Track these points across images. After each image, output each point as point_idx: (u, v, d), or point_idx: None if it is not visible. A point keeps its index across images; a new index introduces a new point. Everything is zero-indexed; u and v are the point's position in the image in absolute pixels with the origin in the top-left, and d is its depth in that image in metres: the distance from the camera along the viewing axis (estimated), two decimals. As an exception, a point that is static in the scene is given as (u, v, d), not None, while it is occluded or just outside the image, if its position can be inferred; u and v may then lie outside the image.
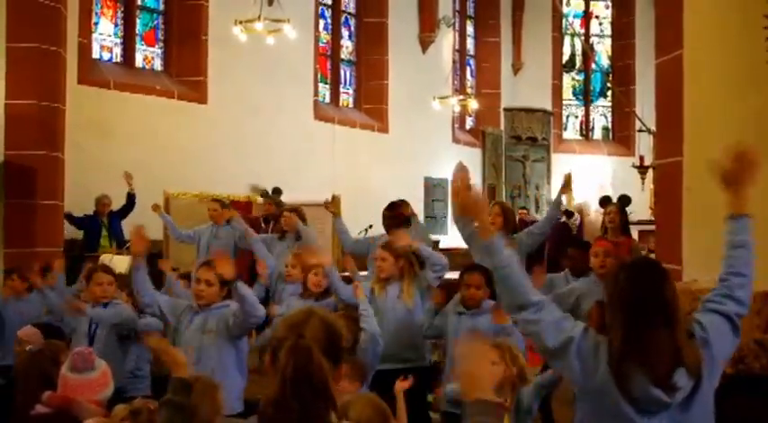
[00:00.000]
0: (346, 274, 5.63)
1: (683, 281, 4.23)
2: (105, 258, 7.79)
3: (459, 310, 4.83)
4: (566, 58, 20.58)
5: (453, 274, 7.98)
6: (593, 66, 20.63)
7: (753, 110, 4.29)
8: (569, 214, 11.25)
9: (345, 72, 15.65)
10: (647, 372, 2.33)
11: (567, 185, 6.71)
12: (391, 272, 5.07)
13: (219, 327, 4.23)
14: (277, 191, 8.92)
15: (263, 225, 8.84)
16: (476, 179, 18.24)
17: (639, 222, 10.56)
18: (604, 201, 7.74)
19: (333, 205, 7.16)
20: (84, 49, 10.46)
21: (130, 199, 9.57)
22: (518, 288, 2.57)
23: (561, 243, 8.27)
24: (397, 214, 6.55)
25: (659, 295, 2.40)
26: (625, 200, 7.34)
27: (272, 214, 8.15)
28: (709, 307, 2.56)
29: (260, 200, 9.96)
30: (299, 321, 2.03)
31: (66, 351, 3.69)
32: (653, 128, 7.37)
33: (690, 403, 2.39)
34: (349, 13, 15.78)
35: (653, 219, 9.55)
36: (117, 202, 9.56)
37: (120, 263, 8.29)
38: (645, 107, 15.11)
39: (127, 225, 9.63)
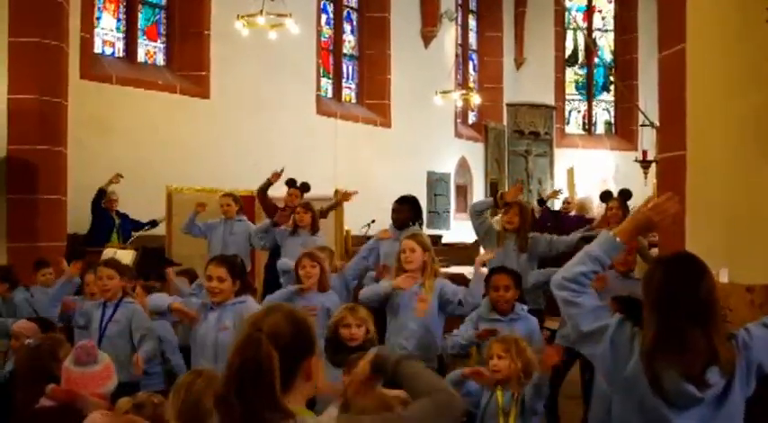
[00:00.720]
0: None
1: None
2: (109, 252, 7.79)
3: (493, 317, 4.70)
4: (568, 52, 20.54)
5: (459, 269, 8.00)
6: (596, 60, 20.60)
7: (754, 105, 4.28)
8: (541, 202, 11.40)
9: (348, 67, 15.64)
10: (680, 368, 2.33)
11: (553, 194, 6.78)
12: (418, 264, 4.96)
13: (236, 323, 4.18)
14: (305, 186, 8.86)
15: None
16: (478, 174, 18.24)
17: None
18: (605, 196, 7.70)
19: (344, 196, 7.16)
20: (87, 43, 10.46)
21: (152, 224, 9.67)
22: (575, 264, 2.59)
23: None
24: (407, 209, 6.58)
25: (694, 292, 2.39)
26: (626, 194, 7.29)
27: (291, 206, 8.08)
28: (765, 321, 2.54)
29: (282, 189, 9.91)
30: (259, 316, 1.93)
31: (66, 345, 3.70)
32: (656, 122, 7.34)
33: (721, 402, 2.38)
34: (351, 8, 15.75)
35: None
36: (122, 197, 9.58)
37: (124, 257, 8.30)
38: (648, 101, 15.06)
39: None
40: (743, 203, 4.30)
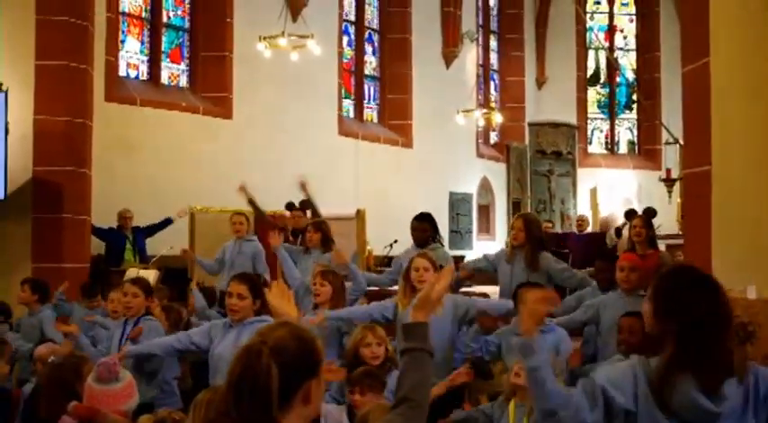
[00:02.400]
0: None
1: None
2: (132, 273, 7.82)
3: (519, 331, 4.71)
4: (590, 72, 20.50)
5: (482, 288, 7.94)
6: (618, 79, 20.53)
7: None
8: (618, 232, 10.90)
9: (369, 87, 15.71)
10: (698, 381, 2.28)
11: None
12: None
13: None
14: (304, 204, 8.91)
15: (290, 238, 8.82)
16: (500, 194, 18.18)
17: (667, 236, 10.44)
18: (629, 214, 7.62)
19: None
20: (111, 66, 10.61)
21: (166, 223, 9.64)
22: (551, 395, 2.41)
23: (588, 256, 8.21)
24: (427, 226, 6.56)
25: (712, 305, 2.36)
26: (650, 212, 7.22)
27: (300, 228, 8.12)
28: None
29: (287, 213, 9.95)
30: (267, 329, 1.90)
31: (89, 363, 3.70)
32: (680, 139, 7.29)
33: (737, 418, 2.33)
34: (372, 29, 15.85)
35: (680, 232, 9.43)
36: (139, 217, 9.61)
37: (147, 276, 8.34)
38: (671, 120, 14.98)
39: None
40: (770, 219, 4.23)
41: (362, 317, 5.14)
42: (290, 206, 8.95)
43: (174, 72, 12.14)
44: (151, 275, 8.52)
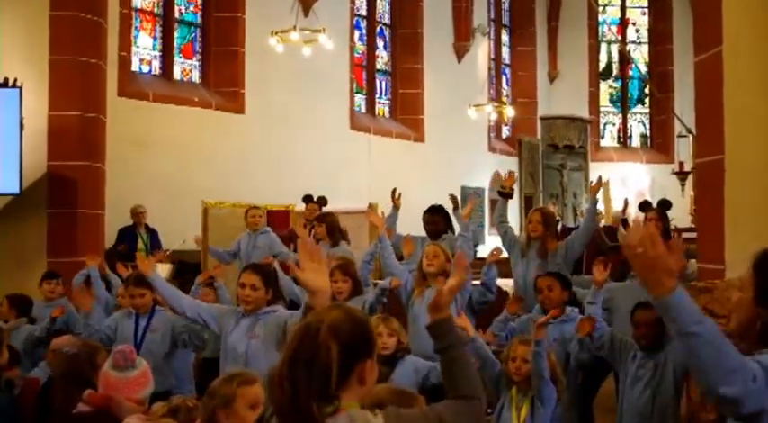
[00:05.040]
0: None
1: (726, 279, 4.15)
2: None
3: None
4: (602, 65, 20.41)
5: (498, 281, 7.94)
6: (631, 72, 20.43)
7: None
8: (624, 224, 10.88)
9: (381, 82, 15.71)
10: None
11: (597, 185, 6.65)
12: (440, 269, 5.05)
13: (267, 332, 4.18)
14: (322, 200, 8.96)
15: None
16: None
17: (680, 230, 10.39)
18: (644, 205, 7.59)
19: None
20: (124, 62, 10.66)
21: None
22: (721, 359, 1.87)
23: (600, 248, 8.19)
24: (440, 219, 6.59)
25: None
26: (666, 204, 7.18)
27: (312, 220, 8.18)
28: None
29: (298, 207, 9.98)
30: (322, 310, 1.95)
31: (103, 352, 3.73)
32: (693, 130, 7.26)
33: None
34: (384, 24, 15.85)
35: (693, 226, 9.39)
36: (152, 211, 9.66)
37: (161, 271, 8.38)
38: (684, 113, 14.90)
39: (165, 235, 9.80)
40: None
41: (397, 271, 5.47)
42: (308, 199, 8.98)
43: (186, 67, 12.19)
44: (165, 270, 8.58)
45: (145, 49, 11.68)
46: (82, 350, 3.75)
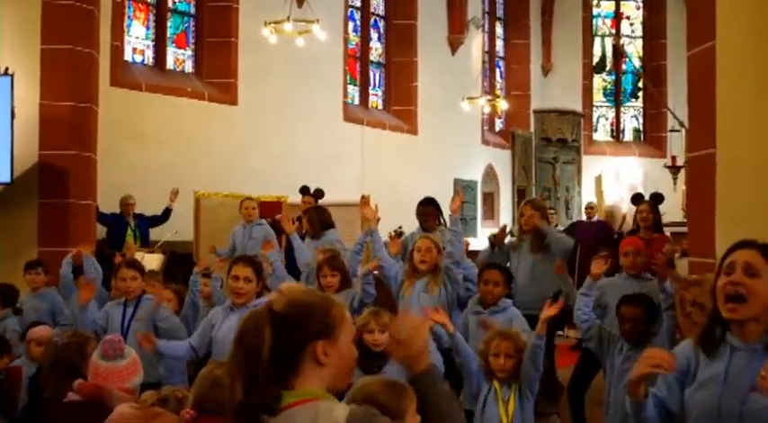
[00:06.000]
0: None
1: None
2: (137, 256, 7.85)
3: (477, 309, 4.93)
4: (596, 59, 20.42)
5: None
6: (624, 67, 20.44)
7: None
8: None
9: (374, 74, 15.68)
10: None
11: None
12: (433, 264, 5.11)
13: None
14: (318, 192, 8.98)
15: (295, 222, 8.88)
16: (505, 181, 18.17)
17: (672, 224, 10.42)
18: (636, 198, 7.61)
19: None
20: (117, 51, 10.61)
21: (166, 214, 9.66)
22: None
23: (597, 243, 8.20)
24: (433, 211, 6.60)
25: None
26: (658, 197, 7.20)
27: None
28: None
29: (290, 198, 9.98)
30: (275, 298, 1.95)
31: (92, 342, 3.72)
32: (686, 124, 7.26)
33: None
34: (378, 15, 15.81)
35: (685, 220, 9.42)
36: (144, 202, 9.64)
37: (152, 261, 8.39)
38: (677, 108, 14.93)
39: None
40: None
41: (388, 264, 5.50)
42: (304, 190, 8.99)
43: (179, 57, 12.14)
44: (156, 260, 8.58)
45: (138, 38, 11.63)
46: (72, 340, 3.73)
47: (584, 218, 12.82)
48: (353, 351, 1.95)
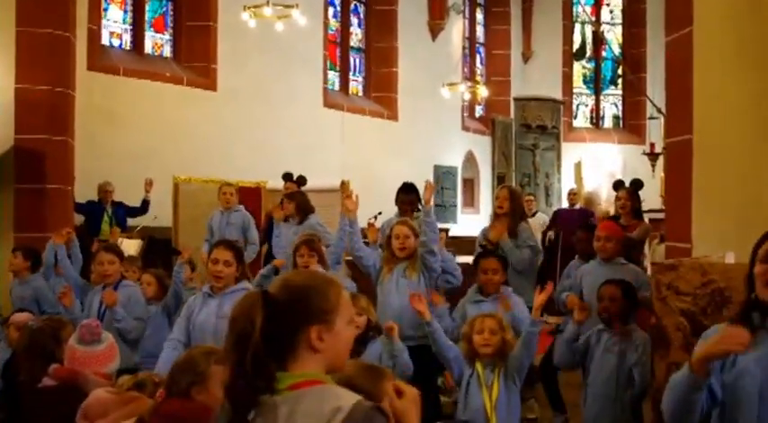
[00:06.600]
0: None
1: (692, 257, 4.20)
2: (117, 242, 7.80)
3: (477, 299, 4.91)
4: (576, 46, 20.45)
5: (465, 259, 8.01)
6: (604, 53, 20.50)
7: (762, 88, 4.25)
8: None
9: (355, 59, 15.62)
10: None
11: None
12: (412, 251, 5.11)
13: None
14: (301, 179, 8.95)
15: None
16: (485, 168, 18.21)
17: (650, 211, 10.48)
18: (617, 185, 7.66)
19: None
20: (94, 35, 10.48)
21: (144, 205, 9.58)
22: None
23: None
24: (415, 197, 6.58)
25: None
26: (638, 184, 7.24)
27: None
28: None
29: (270, 184, 9.96)
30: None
31: (68, 327, 3.70)
32: (664, 111, 7.30)
33: None
34: (358, 1, 15.73)
35: (663, 207, 9.48)
36: (121, 189, 9.56)
37: (131, 246, 8.34)
38: (656, 95, 15.00)
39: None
40: (750, 187, 4.27)
41: (365, 254, 5.41)
42: (287, 176, 8.96)
43: (157, 41, 12.02)
44: (135, 245, 8.53)
45: (115, 22, 11.49)
46: (46, 325, 3.71)
47: (565, 204, 12.87)
48: (350, 334, 1.93)
